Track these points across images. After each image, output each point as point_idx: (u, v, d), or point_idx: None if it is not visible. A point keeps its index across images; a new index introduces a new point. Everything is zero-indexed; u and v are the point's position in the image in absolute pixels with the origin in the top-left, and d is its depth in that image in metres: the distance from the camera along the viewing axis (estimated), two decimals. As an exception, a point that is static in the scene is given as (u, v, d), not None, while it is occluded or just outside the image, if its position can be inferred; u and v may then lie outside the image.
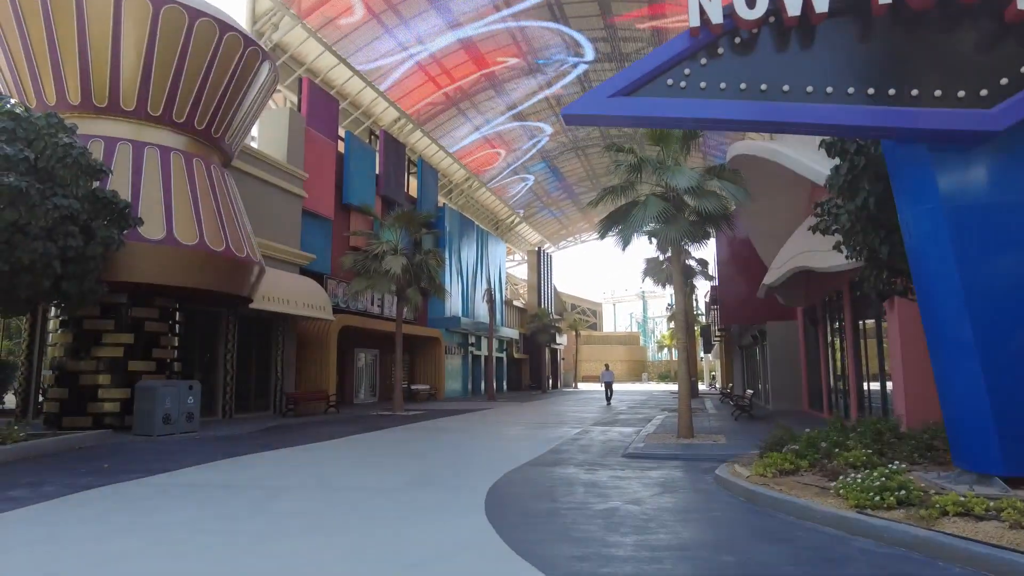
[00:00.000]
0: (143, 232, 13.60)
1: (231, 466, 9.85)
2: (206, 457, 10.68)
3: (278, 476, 9.01)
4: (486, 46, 31.44)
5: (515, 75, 34.82)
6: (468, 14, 29.11)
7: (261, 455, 11.10)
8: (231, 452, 11.37)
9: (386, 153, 29.87)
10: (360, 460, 10.71)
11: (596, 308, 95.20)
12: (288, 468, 9.75)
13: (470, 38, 30.80)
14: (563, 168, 49.88)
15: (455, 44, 30.68)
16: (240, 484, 8.31)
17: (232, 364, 19.07)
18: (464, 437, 14.26)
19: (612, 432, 15.24)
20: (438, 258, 22.31)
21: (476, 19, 29.51)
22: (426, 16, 28.18)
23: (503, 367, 44.77)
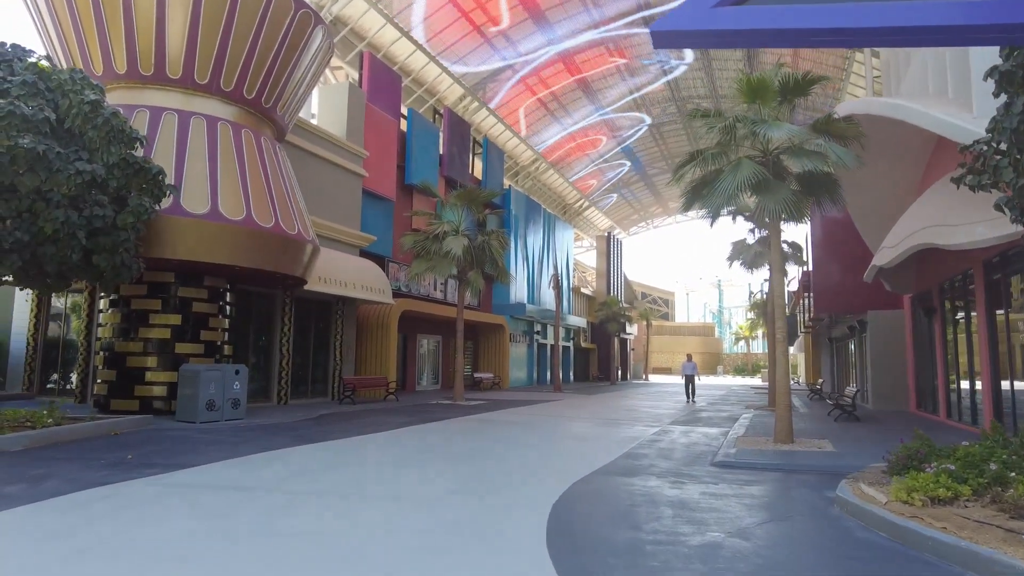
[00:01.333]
0: (186, 206, 12.79)
1: (263, 462, 8.76)
2: (242, 449, 9.68)
3: (308, 477, 7.82)
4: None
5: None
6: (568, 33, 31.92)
7: (301, 449, 10.02)
8: (271, 444, 10.35)
9: (450, 132, 28.69)
10: (405, 459, 9.44)
11: (668, 297, 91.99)
12: (323, 467, 8.57)
13: (567, 50, 33.99)
14: (637, 148, 47.60)
15: (555, 57, 34.21)
16: (261, 487, 7.15)
17: (288, 348, 18.34)
18: (526, 433, 12.83)
19: (695, 433, 13.45)
20: (502, 239, 20.91)
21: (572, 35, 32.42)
22: (533, 36, 31.09)
23: (570, 357, 43.18)
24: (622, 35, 33.41)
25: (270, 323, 18.23)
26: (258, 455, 9.28)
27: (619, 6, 30.29)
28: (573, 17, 30.59)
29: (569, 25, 31.07)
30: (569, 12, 30.01)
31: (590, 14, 30.79)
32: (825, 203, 11.94)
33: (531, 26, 30.00)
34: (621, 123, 42.98)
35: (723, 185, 11.00)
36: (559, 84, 36.61)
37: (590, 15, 30.87)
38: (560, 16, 30.14)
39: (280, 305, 18.31)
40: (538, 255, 37.64)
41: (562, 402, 22.45)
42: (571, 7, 29.62)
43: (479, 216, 21.56)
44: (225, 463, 8.57)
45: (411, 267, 20.34)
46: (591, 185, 51.68)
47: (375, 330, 22.41)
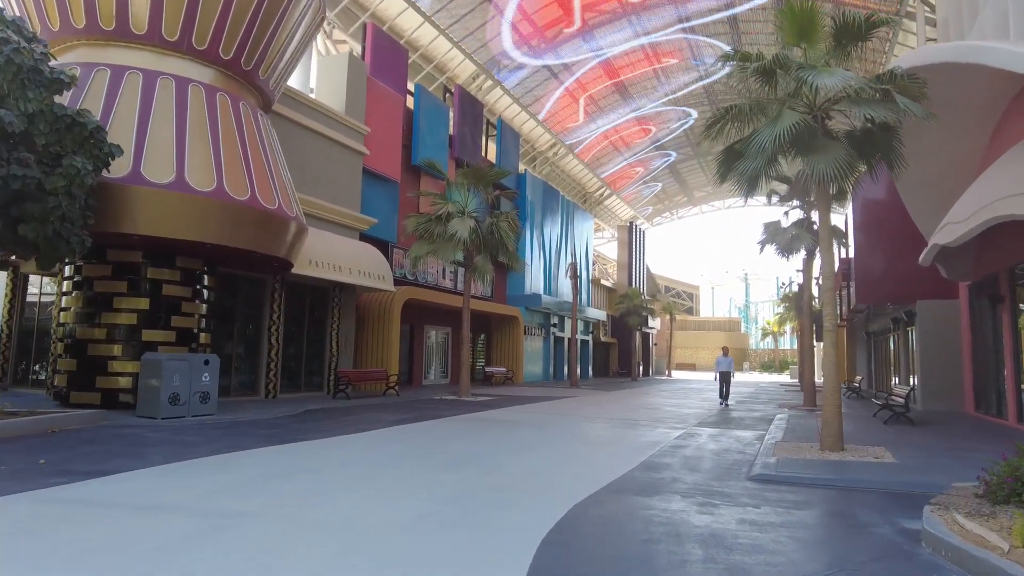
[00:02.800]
0: (148, 174, 11.34)
1: (206, 469, 7.26)
2: (191, 452, 8.20)
3: (248, 491, 6.27)
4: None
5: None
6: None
7: (262, 452, 8.51)
8: (231, 445, 8.87)
9: (461, 111, 27.06)
10: (379, 466, 7.86)
11: (693, 291, 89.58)
12: (274, 475, 7.02)
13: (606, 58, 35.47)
14: (666, 139, 45.63)
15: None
16: (182, 505, 5.62)
17: (278, 338, 16.91)
18: (530, 436, 11.19)
19: (726, 438, 11.70)
20: (512, 222, 19.25)
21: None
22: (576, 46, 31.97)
23: (588, 351, 41.41)
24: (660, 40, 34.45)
25: (258, 310, 16.81)
26: (206, 459, 7.78)
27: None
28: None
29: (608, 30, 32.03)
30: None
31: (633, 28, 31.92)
32: (879, 168, 10.06)
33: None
34: (667, 116, 42.74)
35: (759, 140, 9.20)
36: (599, 87, 38.00)
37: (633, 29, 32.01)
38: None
39: (269, 291, 16.89)
40: (555, 244, 35.90)
41: (577, 399, 20.77)
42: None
43: (488, 197, 19.91)
44: (159, 470, 7.08)
45: (411, 250, 18.76)
46: (621, 175, 50.10)
47: (376, 320, 20.93)
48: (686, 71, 38.64)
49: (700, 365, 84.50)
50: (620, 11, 31.22)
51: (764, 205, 68.34)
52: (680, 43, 35.47)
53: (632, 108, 40.84)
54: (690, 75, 38.99)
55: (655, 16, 32.06)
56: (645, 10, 31.37)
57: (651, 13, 31.71)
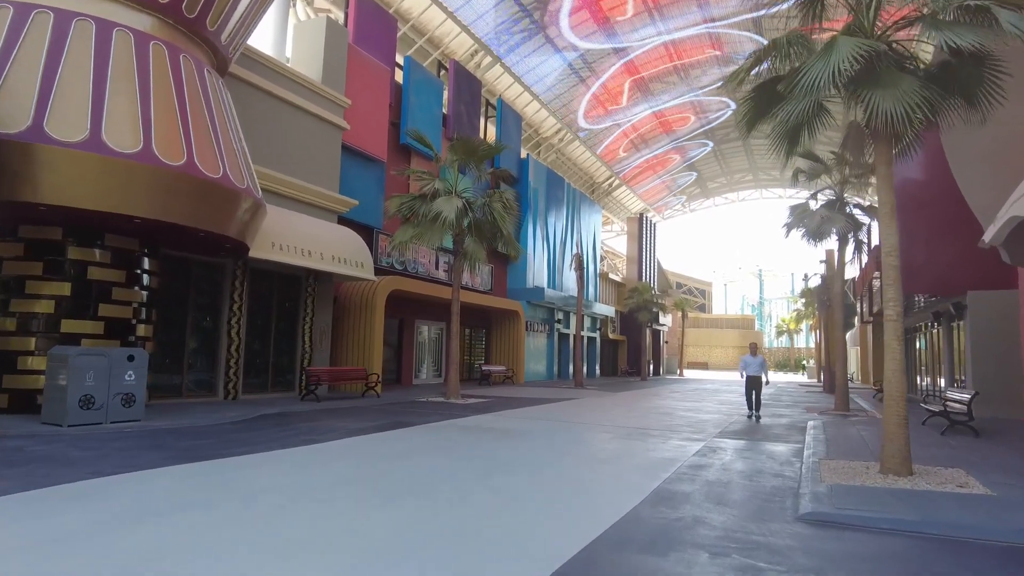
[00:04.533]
0: (52, 130, 9.36)
1: (45, 506, 5.27)
2: (61, 474, 6.26)
3: (61, 549, 4.26)
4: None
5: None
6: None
7: (157, 474, 6.53)
8: (129, 463, 6.93)
9: (456, 88, 25.00)
10: (304, 497, 5.81)
11: (705, 288, 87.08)
12: (134, 517, 5.00)
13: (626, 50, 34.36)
14: (672, 118, 43.43)
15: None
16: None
17: (239, 331, 14.95)
18: (518, 451, 9.13)
19: (756, 453, 9.57)
20: (508, 202, 17.16)
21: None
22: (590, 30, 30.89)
23: (595, 349, 39.27)
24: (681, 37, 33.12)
25: (215, 300, 14.85)
26: (63, 488, 5.79)
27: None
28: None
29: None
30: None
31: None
32: (969, 110, 7.87)
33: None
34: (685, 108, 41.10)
35: (810, 76, 7.08)
36: (618, 86, 36.56)
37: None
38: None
39: (229, 278, 14.92)
40: (560, 235, 33.78)
41: (581, 402, 18.68)
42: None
43: (482, 176, 17.84)
44: (-25, 507, 5.09)
45: (395, 235, 16.73)
46: (636, 170, 48.11)
47: (358, 313, 18.93)
48: (709, 66, 36.92)
49: (712, 364, 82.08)
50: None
51: (778, 198, 65.87)
52: (705, 38, 33.93)
53: (651, 105, 39.26)
54: (716, 70, 37.26)
55: (679, 15, 30.70)
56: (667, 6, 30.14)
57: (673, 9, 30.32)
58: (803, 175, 18.23)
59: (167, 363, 13.77)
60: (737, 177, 60.30)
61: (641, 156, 47.71)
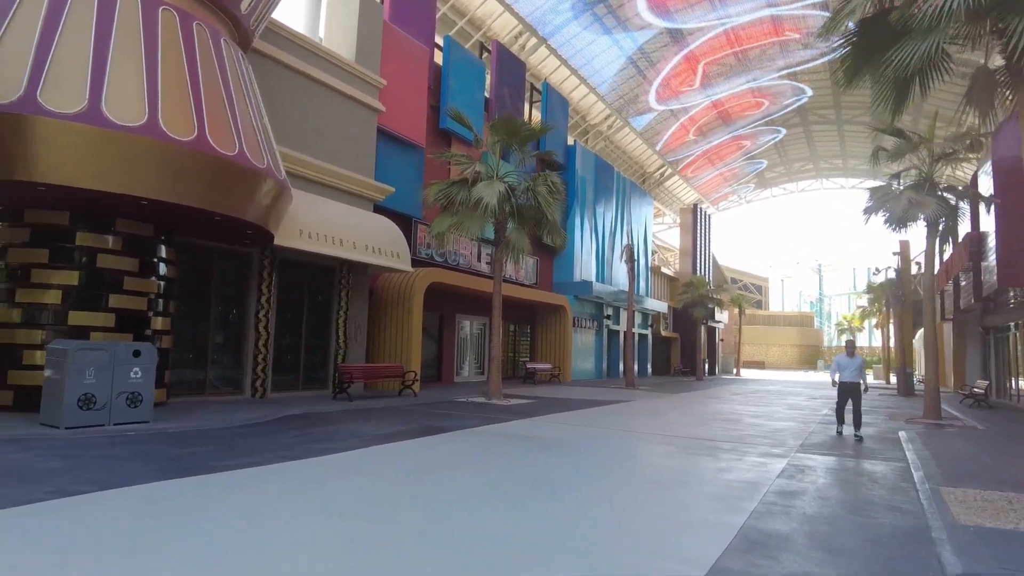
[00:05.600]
0: (47, 101, 8.45)
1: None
2: (13, 495, 5.20)
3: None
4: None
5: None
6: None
7: (135, 491, 5.47)
8: (102, 479, 5.90)
9: (499, 71, 23.70)
10: (260, 545, 4.60)
11: (761, 283, 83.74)
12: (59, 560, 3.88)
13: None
14: (732, 108, 41.19)
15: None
16: None
17: (267, 326, 14.02)
18: (559, 467, 7.76)
19: (854, 476, 7.94)
20: (553, 185, 15.76)
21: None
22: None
23: (647, 346, 37.44)
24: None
25: (242, 291, 13.96)
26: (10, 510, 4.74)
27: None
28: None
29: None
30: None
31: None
32: None
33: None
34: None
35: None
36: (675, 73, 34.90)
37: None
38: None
39: (257, 268, 14.01)
40: (609, 227, 32.14)
41: (634, 404, 17.15)
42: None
43: (525, 158, 16.48)
44: None
45: (433, 225, 15.52)
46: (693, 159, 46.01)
47: (395, 307, 17.86)
48: (772, 52, 34.80)
49: (769, 363, 78.80)
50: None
51: (839, 188, 62.29)
52: (768, 22, 31.89)
53: (707, 95, 37.25)
54: (780, 59, 35.10)
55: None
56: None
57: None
58: (885, 154, 16.24)
59: (190, 358, 12.95)
60: (796, 166, 57.25)
61: (699, 146, 45.61)
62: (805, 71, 37.11)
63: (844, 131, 46.64)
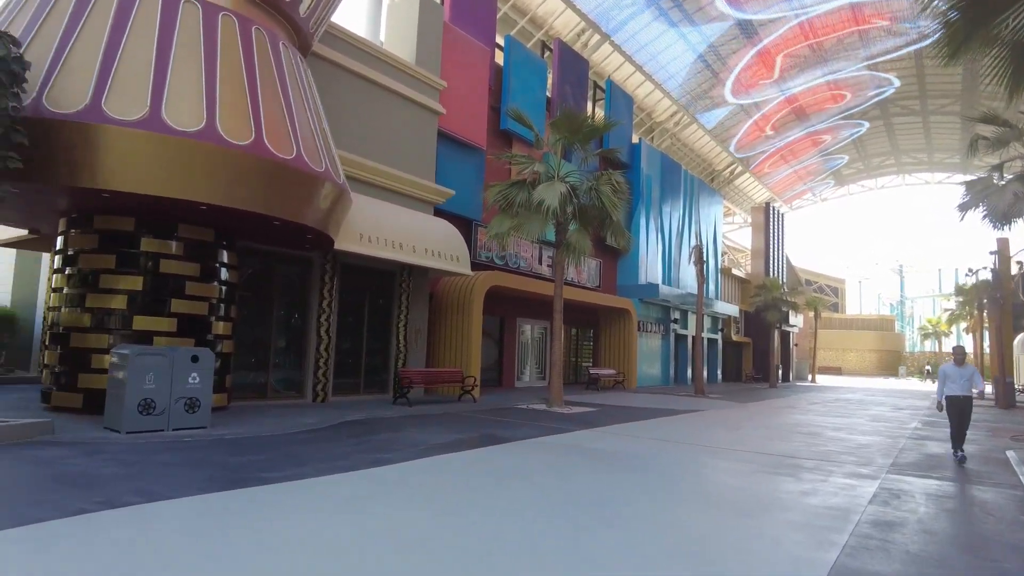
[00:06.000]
0: (110, 109, 8.55)
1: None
2: (32, 506, 5.11)
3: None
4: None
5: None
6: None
7: (150, 510, 5.28)
8: (141, 491, 5.75)
9: (561, 69, 23.23)
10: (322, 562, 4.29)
11: (837, 285, 79.82)
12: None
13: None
14: (807, 103, 39.26)
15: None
16: None
17: (329, 330, 14.02)
18: (623, 487, 7.22)
19: (962, 505, 7.04)
20: (617, 184, 15.15)
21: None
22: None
23: (716, 351, 36.05)
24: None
25: (304, 296, 14.00)
26: (17, 531, 4.62)
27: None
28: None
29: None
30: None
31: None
32: None
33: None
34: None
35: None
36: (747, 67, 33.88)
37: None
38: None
39: (318, 273, 14.03)
40: (676, 227, 31.09)
41: (702, 414, 16.31)
42: None
43: (587, 157, 15.93)
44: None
45: (490, 226, 15.18)
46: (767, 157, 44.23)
47: (455, 311, 17.63)
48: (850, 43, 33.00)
49: (846, 369, 74.93)
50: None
51: (924, 184, 58.53)
52: (847, 10, 30.25)
53: (782, 89, 35.72)
54: (861, 50, 33.27)
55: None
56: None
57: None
58: (985, 144, 14.85)
59: (252, 362, 13.06)
60: (876, 162, 54.17)
61: (771, 143, 43.72)
62: (887, 61, 34.91)
63: (930, 123, 43.74)
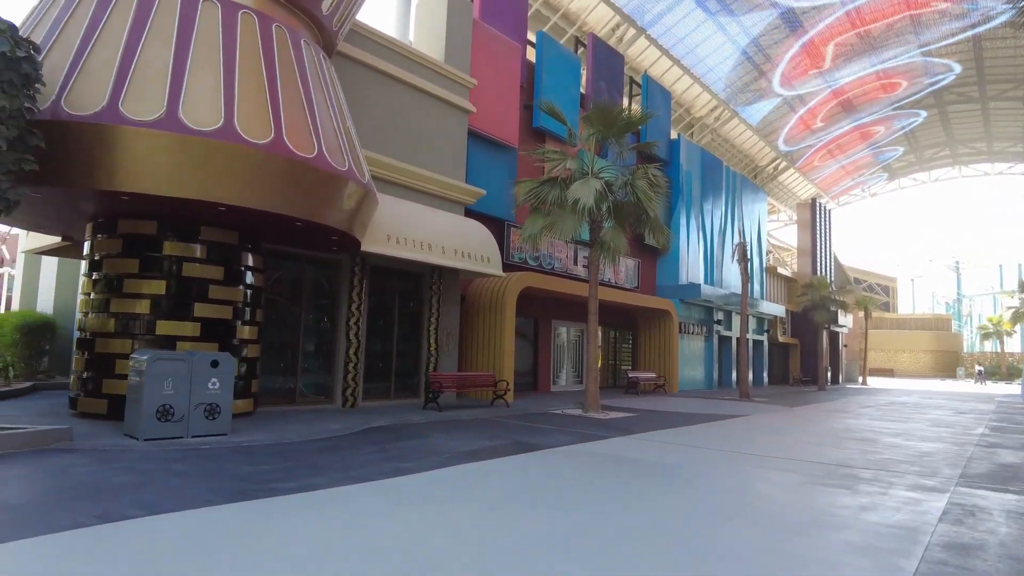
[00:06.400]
0: (127, 109, 8.38)
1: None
2: (35, 518, 4.84)
3: None
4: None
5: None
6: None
7: (148, 524, 4.96)
8: (145, 503, 5.47)
9: (595, 65, 22.66)
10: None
11: (888, 284, 76.80)
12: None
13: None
14: (854, 96, 37.70)
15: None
16: None
17: (358, 333, 13.74)
18: (660, 503, 6.65)
19: (1040, 518, 6.26)
20: (654, 178, 14.52)
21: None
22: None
23: (762, 353, 34.81)
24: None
25: (333, 300, 13.76)
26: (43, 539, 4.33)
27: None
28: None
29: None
30: None
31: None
32: None
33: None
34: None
35: None
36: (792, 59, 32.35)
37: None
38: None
39: (347, 276, 13.77)
40: (718, 224, 30.11)
41: (750, 420, 15.50)
42: None
43: (622, 153, 15.33)
44: None
45: (524, 226, 14.71)
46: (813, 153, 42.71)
47: (487, 313, 17.22)
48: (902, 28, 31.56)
49: (899, 371, 71.93)
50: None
51: (983, 175, 55.72)
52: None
53: (829, 81, 34.37)
54: (912, 35, 31.82)
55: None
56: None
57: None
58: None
59: (280, 367, 12.86)
60: (928, 154, 51.83)
61: (817, 137, 42.16)
62: (944, 47, 33.21)
63: (989, 110, 41.55)
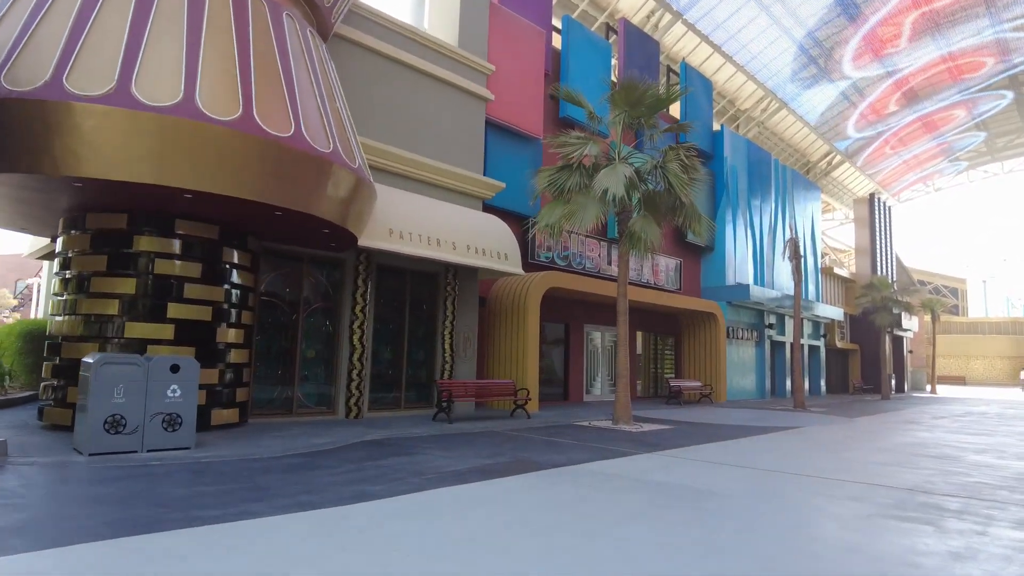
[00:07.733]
0: (72, 84, 7.44)
1: None
2: None
3: None
4: None
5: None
6: None
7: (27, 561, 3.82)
8: (28, 538, 4.34)
9: (628, 51, 21.21)
10: None
11: (957, 286, 72.06)
12: None
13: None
14: (918, 85, 35.03)
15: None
16: None
17: (363, 338, 12.64)
18: (687, 535, 5.20)
19: None
20: (686, 159, 12.98)
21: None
22: None
23: (819, 360, 32.36)
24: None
25: (335, 301, 12.69)
26: None
27: None
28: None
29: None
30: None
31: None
32: None
33: None
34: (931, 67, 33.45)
35: None
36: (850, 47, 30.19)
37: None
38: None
39: (351, 275, 12.70)
40: (768, 222, 28.07)
41: (804, 432, 13.70)
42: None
43: (652, 135, 13.84)
44: None
45: (540, 215, 13.40)
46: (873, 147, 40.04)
47: (509, 316, 15.92)
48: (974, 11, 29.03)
49: (971, 378, 67.14)
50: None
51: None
52: None
53: (889, 68, 31.96)
54: (984, 19, 29.22)
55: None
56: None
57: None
58: None
59: (277, 374, 11.82)
60: (1001, 143, 48.07)
61: (876, 129, 39.38)
62: (1019, 24, 30.39)
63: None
